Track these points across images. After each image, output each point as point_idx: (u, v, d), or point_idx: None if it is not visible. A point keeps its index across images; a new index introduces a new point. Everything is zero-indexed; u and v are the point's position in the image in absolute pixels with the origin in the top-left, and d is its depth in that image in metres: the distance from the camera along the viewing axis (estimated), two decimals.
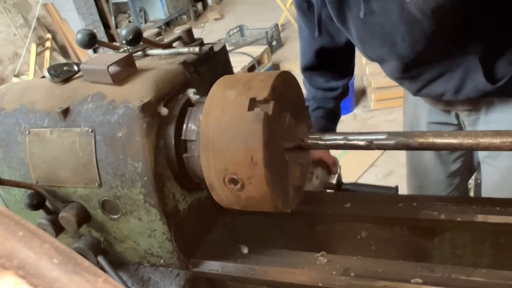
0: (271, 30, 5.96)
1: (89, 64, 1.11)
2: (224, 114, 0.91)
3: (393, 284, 0.95)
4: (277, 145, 0.94)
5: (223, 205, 0.99)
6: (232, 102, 0.92)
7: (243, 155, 0.87)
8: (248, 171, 0.87)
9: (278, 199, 0.92)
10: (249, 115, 0.88)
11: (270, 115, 0.88)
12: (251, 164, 0.86)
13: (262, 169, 0.86)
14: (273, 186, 0.89)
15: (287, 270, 1.05)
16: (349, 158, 3.56)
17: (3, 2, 6.61)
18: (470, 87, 1.31)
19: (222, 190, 0.93)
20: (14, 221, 0.35)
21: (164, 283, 1.12)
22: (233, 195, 0.93)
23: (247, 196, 0.91)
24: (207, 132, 0.91)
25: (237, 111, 0.90)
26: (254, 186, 0.88)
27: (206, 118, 0.93)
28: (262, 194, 0.89)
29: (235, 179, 0.89)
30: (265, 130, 0.86)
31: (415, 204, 1.19)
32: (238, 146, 0.88)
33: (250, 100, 0.89)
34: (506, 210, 1.09)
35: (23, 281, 0.33)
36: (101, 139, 1.02)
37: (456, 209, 1.14)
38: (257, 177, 0.87)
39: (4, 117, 1.14)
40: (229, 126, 0.89)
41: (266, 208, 0.95)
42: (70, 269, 0.34)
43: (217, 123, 0.91)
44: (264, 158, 0.85)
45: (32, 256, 0.34)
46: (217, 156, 0.90)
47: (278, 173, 0.93)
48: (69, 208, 1.08)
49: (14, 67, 6.59)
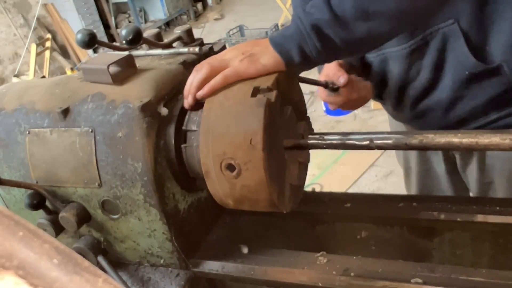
0: (271, 30, 5.96)
1: (89, 64, 1.11)
2: (227, 100, 0.93)
3: (393, 284, 0.95)
4: (277, 135, 0.94)
5: (217, 199, 0.98)
6: (236, 90, 0.94)
7: (242, 138, 0.87)
8: (246, 155, 0.87)
9: (274, 190, 0.91)
10: (251, 101, 0.89)
11: (272, 102, 0.89)
12: (250, 147, 0.86)
13: (260, 153, 0.86)
14: (270, 173, 0.89)
15: (287, 270, 1.05)
16: (349, 158, 3.57)
17: (3, 2, 6.61)
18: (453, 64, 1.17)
19: (218, 177, 0.92)
20: (14, 221, 0.35)
21: (164, 283, 1.12)
22: (228, 184, 0.92)
23: (242, 185, 0.90)
24: (208, 116, 0.92)
25: (240, 97, 0.92)
26: (250, 172, 0.88)
27: (209, 104, 0.94)
28: (258, 181, 0.88)
29: (232, 164, 0.89)
30: (266, 115, 0.87)
31: (415, 204, 1.19)
32: (238, 129, 0.88)
33: (253, 88, 0.91)
34: (506, 210, 1.09)
35: (23, 281, 0.33)
36: (101, 139, 1.02)
37: (456, 209, 1.14)
38: (255, 161, 0.87)
39: (4, 117, 1.14)
40: (231, 111, 0.91)
41: (261, 202, 0.93)
42: (70, 269, 0.34)
43: (219, 108, 0.92)
44: (263, 141, 0.86)
45: (32, 256, 0.34)
46: (216, 139, 0.90)
47: (276, 165, 0.93)
48: (69, 208, 1.08)
49: (14, 67, 6.59)
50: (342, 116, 4.20)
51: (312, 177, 3.39)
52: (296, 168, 1.03)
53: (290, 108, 1.00)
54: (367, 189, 3.21)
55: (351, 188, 3.30)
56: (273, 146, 0.91)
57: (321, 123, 4.14)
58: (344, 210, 1.24)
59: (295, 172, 1.03)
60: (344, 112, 4.25)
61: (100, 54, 1.22)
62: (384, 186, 3.17)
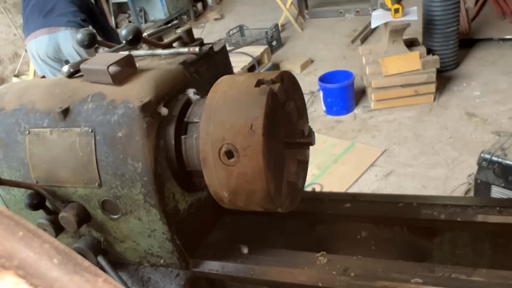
0: (271, 30, 5.95)
1: (89, 64, 1.11)
2: (231, 89, 0.94)
3: (393, 284, 0.95)
4: (278, 127, 0.95)
5: (212, 190, 0.96)
6: (241, 81, 0.95)
7: (243, 123, 0.88)
8: (246, 140, 0.88)
9: (271, 181, 0.91)
10: (255, 90, 0.91)
11: (275, 92, 0.91)
12: (250, 132, 0.87)
13: (260, 138, 0.86)
14: (268, 161, 0.89)
15: (287, 270, 1.05)
16: (349, 158, 3.57)
17: (3, 2, 6.61)
18: None
19: (215, 164, 0.92)
20: (14, 221, 0.35)
21: (164, 283, 1.12)
22: (225, 171, 0.91)
23: (239, 173, 0.90)
24: (211, 104, 0.93)
25: (244, 87, 0.93)
26: (248, 158, 0.88)
27: (213, 94, 0.95)
28: (256, 168, 0.88)
29: (230, 151, 0.89)
30: (269, 103, 0.88)
31: (415, 204, 1.19)
32: (239, 115, 0.89)
33: (258, 80, 0.93)
34: (506, 210, 1.09)
35: (23, 281, 0.33)
36: (101, 139, 1.02)
37: (456, 209, 1.14)
38: (254, 146, 0.87)
39: (4, 117, 1.14)
40: (234, 99, 0.92)
41: (257, 194, 0.92)
42: (70, 269, 0.34)
43: (222, 97, 0.93)
44: (263, 126, 0.86)
45: (32, 256, 0.34)
46: (217, 125, 0.91)
47: (274, 156, 0.93)
48: (69, 208, 1.08)
49: (14, 67, 6.59)
50: (342, 116, 4.20)
51: (312, 177, 3.39)
52: (295, 166, 1.03)
53: (292, 103, 1.00)
54: (367, 189, 3.21)
55: (351, 188, 3.30)
56: (273, 136, 0.91)
57: (321, 123, 4.14)
58: (344, 210, 1.24)
59: (293, 170, 1.03)
60: (344, 112, 4.26)
61: (100, 54, 1.22)
62: (384, 186, 3.16)
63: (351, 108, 4.27)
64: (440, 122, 3.79)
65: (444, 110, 3.95)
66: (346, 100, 4.19)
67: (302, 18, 6.93)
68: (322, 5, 7.24)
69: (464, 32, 4.80)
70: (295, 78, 1.05)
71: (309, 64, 5.43)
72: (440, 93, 4.16)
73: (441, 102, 4.06)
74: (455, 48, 4.42)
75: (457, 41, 4.39)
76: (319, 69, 5.12)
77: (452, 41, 4.34)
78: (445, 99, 4.10)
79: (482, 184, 2.21)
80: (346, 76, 4.18)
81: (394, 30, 3.94)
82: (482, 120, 3.71)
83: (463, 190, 2.90)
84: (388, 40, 4.02)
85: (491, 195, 2.17)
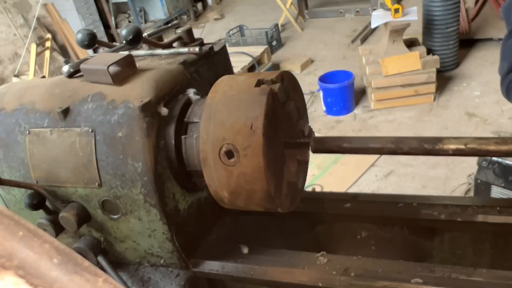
0: (271, 30, 5.95)
1: (89, 64, 1.11)
2: (231, 89, 0.94)
3: (393, 284, 0.95)
4: (278, 128, 0.95)
5: (212, 190, 0.96)
6: (241, 81, 0.95)
7: (243, 123, 0.88)
8: (246, 140, 0.88)
9: (271, 180, 0.91)
10: (255, 90, 0.91)
11: (275, 92, 0.91)
12: (250, 132, 0.87)
13: (260, 138, 0.86)
14: (268, 161, 0.89)
15: (287, 270, 1.05)
16: (350, 158, 3.56)
17: (3, 2, 6.61)
18: None
19: (215, 164, 0.92)
20: (14, 221, 0.35)
21: (164, 283, 1.12)
22: (225, 171, 0.91)
23: (239, 173, 0.90)
24: (211, 104, 0.93)
25: (244, 87, 0.93)
26: (248, 158, 0.88)
27: (213, 94, 0.95)
28: (256, 168, 0.88)
29: (230, 151, 0.89)
30: (269, 103, 0.88)
31: (415, 204, 1.19)
32: (239, 115, 0.89)
33: (258, 80, 0.93)
34: (506, 210, 1.09)
35: (23, 281, 0.33)
36: (101, 139, 1.02)
37: (456, 209, 1.14)
38: (254, 146, 0.87)
39: (4, 117, 1.14)
40: (234, 99, 0.92)
41: (257, 194, 0.92)
42: (70, 269, 0.34)
43: (223, 97, 0.93)
44: (263, 126, 0.86)
45: (32, 256, 0.34)
46: (217, 125, 0.91)
47: (274, 155, 0.93)
48: (69, 208, 1.08)
49: (14, 67, 6.59)
50: (342, 116, 4.20)
51: (312, 177, 3.39)
52: (295, 165, 1.03)
53: (292, 103, 1.00)
54: (367, 189, 3.21)
55: (351, 188, 3.30)
56: (273, 136, 0.91)
57: (321, 123, 4.15)
58: (344, 210, 1.24)
59: (293, 170, 1.03)
60: (344, 112, 4.26)
61: (100, 54, 1.21)
62: (384, 186, 3.17)
63: (351, 108, 4.28)
64: (440, 122, 3.79)
65: (444, 110, 3.96)
66: (346, 100, 4.20)
67: (302, 18, 6.93)
68: (322, 5, 7.24)
69: (464, 32, 4.80)
70: (295, 78, 1.05)
71: (309, 64, 5.43)
72: (440, 93, 4.16)
73: (441, 102, 4.07)
74: (455, 48, 4.42)
75: (457, 41, 4.39)
76: (319, 69, 5.13)
77: (452, 41, 4.34)
78: (445, 99, 4.10)
79: (482, 184, 2.21)
80: (346, 76, 4.18)
81: (394, 30, 3.94)
82: (482, 120, 3.71)
83: (463, 190, 2.90)
84: (388, 40, 4.02)
85: (491, 195, 2.17)
